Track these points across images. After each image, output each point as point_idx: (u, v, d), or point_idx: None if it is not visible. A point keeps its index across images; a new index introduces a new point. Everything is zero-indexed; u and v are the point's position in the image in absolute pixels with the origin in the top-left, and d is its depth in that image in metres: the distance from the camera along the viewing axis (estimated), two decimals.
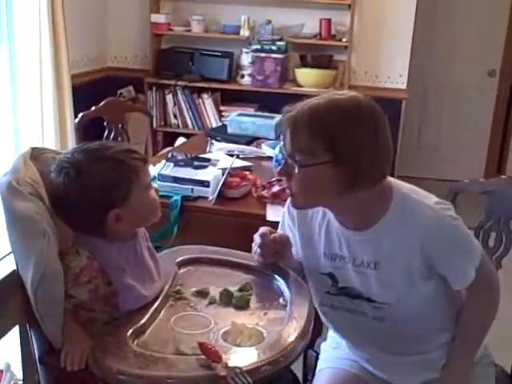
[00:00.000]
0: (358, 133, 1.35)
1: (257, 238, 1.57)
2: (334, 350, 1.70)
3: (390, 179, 1.47)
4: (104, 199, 1.39)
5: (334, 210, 1.48)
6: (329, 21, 4.24)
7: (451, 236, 1.43)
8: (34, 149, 1.51)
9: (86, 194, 1.37)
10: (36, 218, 1.33)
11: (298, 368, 1.88)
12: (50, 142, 3.64)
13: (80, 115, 3.01)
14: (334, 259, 1.52)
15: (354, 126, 1.35)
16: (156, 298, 1.45)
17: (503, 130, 5.42)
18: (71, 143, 3.73)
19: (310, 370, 1.81)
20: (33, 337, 1.42)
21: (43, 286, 1.31)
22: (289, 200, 1.53)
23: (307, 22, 4.31)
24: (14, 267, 1.39)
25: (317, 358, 1.76)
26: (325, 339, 1.79)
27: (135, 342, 1.31)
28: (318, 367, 1.70)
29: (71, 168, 1.38)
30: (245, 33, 4.28)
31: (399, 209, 1.43)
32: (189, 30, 4.44)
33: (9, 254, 1.42)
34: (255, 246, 1.58)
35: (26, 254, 1.33)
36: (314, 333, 1.44)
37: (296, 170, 1.37)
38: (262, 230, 1.57)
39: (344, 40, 4.24)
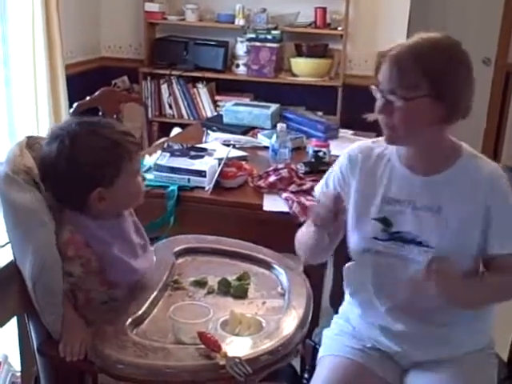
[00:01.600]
0: (461, 71, 1.45)
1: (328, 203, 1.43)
2: (336, 337, 1.68)
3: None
4: (92, 176, 1.37)
5: (415, 148, 1.53)
6: (324, 9, 4.21)
7: None
8: (29, 138, 1.51)
9: (76, 166, 1.36)
10: (33, 209, 1.33)
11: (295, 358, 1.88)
12: (45, 132, 3.61)
13: (75, 104, 2.98)
14: (393, 203, 1.55)
15: (458, 65, 1.45)
16: (154, 288, 1.45)
17: (499, 119, 5.42)
18: None
19: (307, 360, 1.81)
20: (31, 328, 1.42)
21: (42, 276, 1.30)
22: (386, 136, 1.52)
23: (302, 11, 4.28)
24: (12, 258, 1.38)
25: (314, 348, 1.76)
26: (328, 326, 1.76)
27: (134, 331, 1.31)
28: (320, 354, 1.67)
29: (67, 136, 1.38)
30: (239, 22, 4.25)
31: (469, 163, 1.53)
32: (183, 19, 4.41)
33: (5, 245, 1.41)
34: (321, 210, 1.45)
35: (24, 244, 1.32)
36: (311, 323, 1.44)
37: (399, 104, 1.43)
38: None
39: (339, 29, 4.21)
